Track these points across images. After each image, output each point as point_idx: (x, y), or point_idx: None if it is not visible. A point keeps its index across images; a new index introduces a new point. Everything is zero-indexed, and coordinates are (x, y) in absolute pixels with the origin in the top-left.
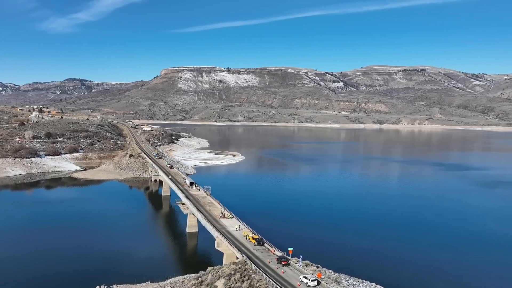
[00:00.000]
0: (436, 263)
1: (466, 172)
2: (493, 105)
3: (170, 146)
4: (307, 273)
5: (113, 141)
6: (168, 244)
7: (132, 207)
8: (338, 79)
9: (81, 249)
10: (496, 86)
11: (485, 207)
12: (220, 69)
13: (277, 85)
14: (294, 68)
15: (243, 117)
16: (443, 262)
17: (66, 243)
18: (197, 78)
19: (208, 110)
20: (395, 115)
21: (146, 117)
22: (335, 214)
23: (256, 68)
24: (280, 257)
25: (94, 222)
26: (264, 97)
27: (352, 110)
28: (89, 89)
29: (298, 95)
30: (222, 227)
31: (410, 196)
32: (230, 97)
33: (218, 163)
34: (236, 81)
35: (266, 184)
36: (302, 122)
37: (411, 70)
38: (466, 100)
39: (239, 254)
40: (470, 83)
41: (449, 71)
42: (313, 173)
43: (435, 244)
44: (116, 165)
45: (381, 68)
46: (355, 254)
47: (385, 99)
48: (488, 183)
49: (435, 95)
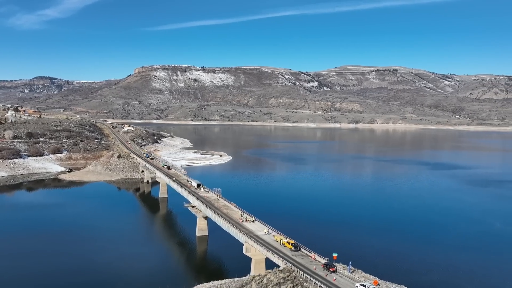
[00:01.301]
0: (466, 266)
1: (454, 171)
2: (463, 105)
3: (155, 146)
4: (361, 280)
5: (97, 141)
6: (177, 249)
7: (129, 210)
8: (313, 78)
9: (84, 258)
10: (465, 87)
11: (487, 207)
12: (195, 68)
13: (252, 84)
14: (269, 68)
15: (220, 116)
16: (476, 265)
17: (66, 251)
18: (171, 77)
19: (184, 109)
20: (369, 115)
21: (120, 116)
22: (352, 214)
23: (231, 67)
24: (327, 264)
25: (93, 227)
26: (240, 96)
27: (328, 109)
28: (59, 87)
29: (274, 95)
30: (249, 231)
31: (409, 196)
32: (206, 96)
33: (207, 163)
34: (212, 80)
35: (264, 184)
36: (278, 122)
37: (384, 70)
38: (437, 100)
39: (280, 260)
40: (441, 83)
41: (420, 71)
42: (308, 173)
43: (457, 245)
44: (104, 166)
45: (355, 68)
46: (387, 257)
47: (360, 99)
48: (479, 182)
49: (407, 95)
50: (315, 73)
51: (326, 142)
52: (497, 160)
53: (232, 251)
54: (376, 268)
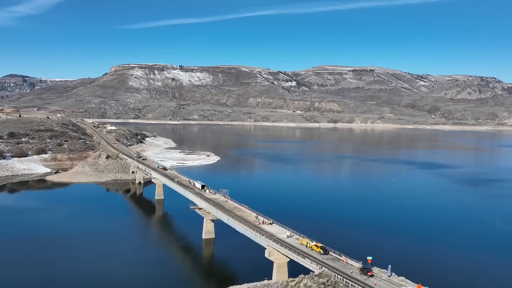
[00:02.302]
0: (488, 267)
1: (441, 171)
2: (439, 105)
3: (140, 146)
4: (402, 284)
5: (81, 141)
6: (184, 253)
7: (125, 213)
8: (291, 78)
9: (85, 265)
10: (440, 87)
11: (485, 206)
12: (172, 66)
13: (231, 83)
14: (247, 67)
15: (199, 116)
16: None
17: (66, 257)
18: (149, 76)
19: (162, 109)
20: (348, 114)
21: (97, 116)
22: (361, 214)
23: (209, 66)
24: (364, 268)
25: (90, 232)
26: (219, 96)
27: (307, 109)
28: (31, 86)
29: (252, 94)
30: (270, 234)
31: (407, 196)
32: (184, 96)
33: (196, 163)
34: (190, 79)
35: (262, 185)
36: (258, 121)
37: (361, 70)
38: (413, 100)
39: (313, 264)
40: (416, 83)
41: (396, 71)
42: (301, 173)
43: (470, 245)
44: (93, 167)
45: (332, 68)
46: (411, 259)
47: (338, 99)
48: (469, 181)
49: (384, 94)
50: (293, 72)
51: (309, 141)
52: (478, 159)
53: (242, 254)
54: (405, 270)
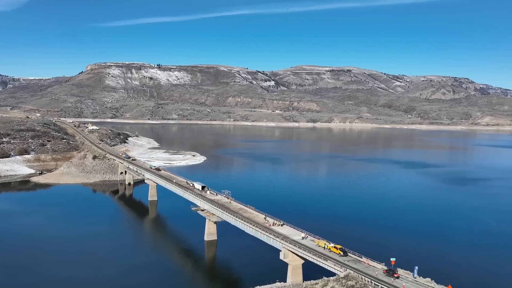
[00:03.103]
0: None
1: (426, 170)
2: (415, 105)
3: (124, 146)
4: (430, 285)
5: (65, 141)
6: (187, 256)
7: (118, 215)
8: (270, 78)
9: (85, 270)
10: (415, 87)
11: (478, 205)
12: (150, 65)
13: (209, 83)
14: (226, 66)
15: (178, 115)
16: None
17: (65, 262)
18: (126, 75)
19: (140, 108)
20: (327, 114)
21: (73, 115)
22: (362, 212)
23: (187, 66)
24: (390, 270)
25: (84, 235)
26: (197, 95)
27: (286, 108)
28: (3, 84)
29: (231, 94)
30: (285, 236)
31: (400, 195)
32: (162, 95)
33: (183, 163)
34: (168, 78)
35: (257, 185)
36: (237, 121)
37: (338, 70)
38: (390, 100)
39: (337, 267)
40: (392, 83)
41: (373, 72)
42: (290, 173)
43: (479, 245)
44: (79, 168)
45: (310, 68)
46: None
47: (316, 98)
48: (455, 180)
49: (361, 94)
50: (272, 72)
51: (292, 141)
52: (459, 158)
53: (246, 255)
54: (427, 271)
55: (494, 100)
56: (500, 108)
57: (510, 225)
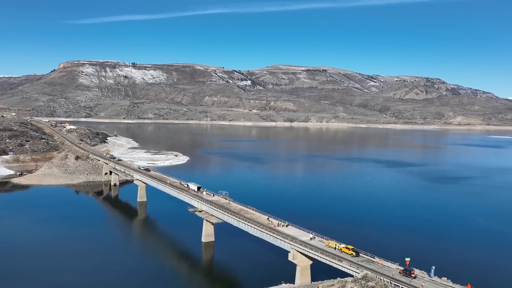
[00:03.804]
0: None
1: (408, 169)
2: (389, 105)
3: (104, 146)
4: (449, 285)
5: (44, 141)
6: (183, 257)
7: (107, 217)
8: (246, 77)
9: (81, 274)
10: (389, 87)
11: (466, 203)
12: (125, 64)
13: (185, 82)
14: (202, 65)
15: (154, 114)
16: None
17: (61, 267)
18: (100, 73)
19: (115, 107)
20: (303, 114)
21: (46, 114)
22: (359, 211)
23: (163, 64)
24: (407, 270)
25: (75, 238)
26: (173, 94)
27: (262, 108)
28: None
29: (208, 93)
30: (292, 237)
31: (389, 194)
32: (137, 94)
33: (167, 163)
34: (143, 77)
35: (249, 185)
36: (215, 120)
37: (314, 70)
38: (365, 99)
39: (353, 267)
40: (367, 83)
41: (348, 72)
42: (275, 172)
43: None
44: (61, 169)
45: (286, 68)
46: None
47: (293, 98)
48: (438, 179)
49: (337, 94)
50: (248, 71)
51: (271, 140)
52: (437, 157)
53: (245, 257)
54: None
55: (465, 100)
56: (471, 108)
57: (501, 223)
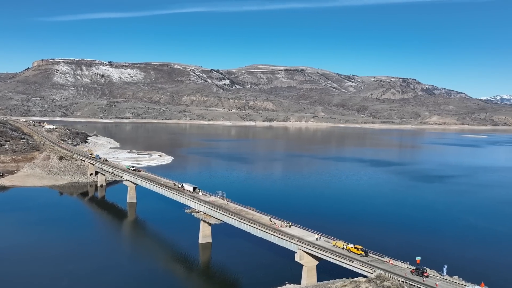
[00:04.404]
0: None
1: (392, 168)
2: (367, 104)
3: (86, 145)
4: (464, 284)
5: (24, 141)
6: (181, 259)
7: (98, 219)
8: (225, 76)
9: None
10: (366, 87)
11: (454, 202)
12: (101, 62)
13: (163, 81)
14: (180, 64)
15: (132, 114)
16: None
17: (57, 271)
18: (76, 72)
19: (92, 106)
20: (283, 113)
21: (20, 113)
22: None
23: (140, 63)
24: (419, 269)
25: (71, 240)
26: (151, 93)
27: (242, 107)
28: None
29: (186, 92)
30: (299, 238)
31: (378, 193)
32: (114, 93)
33: (151, 163)
34: (120, 76)
35: (239, 185)
36: (194, 120)
37: (292, 70)
38: (343, 99)
39: (366, 267)
40: (344, 83)
41: (326, 71)
42: (261, 172)
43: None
44: (45, 169)
45: (265, 67)
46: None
47: (272, 97)
48: (423, 178)
49: (316, 94)
50: (227, 71)
51: (252, 140)
52: (418, 156)
53: (244, 257)
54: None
55: (440, 100)
56: (446, 108)
57: (491, 221)
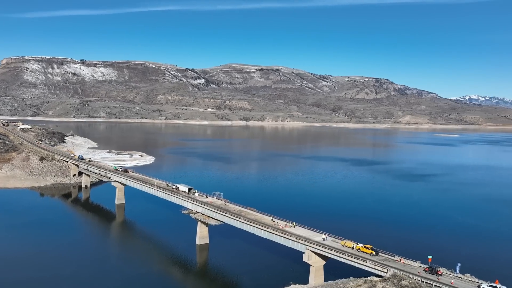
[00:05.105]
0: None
1: (374, 167)
2: (341, 104)
3: (64, 146)
4: (477, 281)
5: (1, 142)
6: (178, 261)
7: (86, 221)
8: (200, 75)
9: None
10: (340, 87)
11: (440, 199)
12: (73, 60)
13: (137, 80)
14: (154, 63)
15: (106, 113)
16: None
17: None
18: (46, 70)
19: (65, 105)
20: (259, 113)
21: None
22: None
23: (114, 61)
24: (432, 267)
25: (61, 244)
26: (125, 92)
27: (217, 107)
28: None
29: (161, 91)
30: (306, 238)
31: (368, 192)
32: (87, 92)
33: (134, 164)
34: (93, 75)
35: (230, 185)
36: (169, 119)
37: (268, 69)
38: (318, 99)
39: (379, 267)
40: (319, 83)
41: (301, 71)
42: (247, 171)
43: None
44: (26, 170)
45: (240, 67)
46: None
47: (248, 97)
48: (405, 176)
49: (291, 93)
50: (202, 70)
51: (230, 139)
52: (396, 155)
53: (243, 258)
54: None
55: (412, 100)
56: (418, 107)
57: (480, 219)
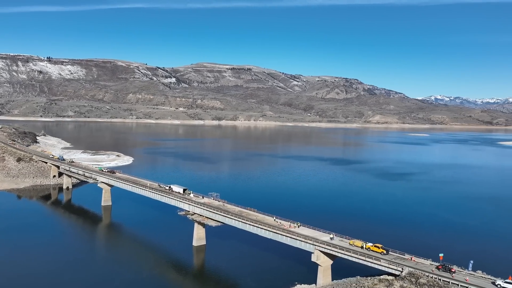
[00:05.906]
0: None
1: (353, 166)
2: (313, 104)
3: (37, 146)
4: (491, 278)
5: None
6: (176, 263)
7: (71, 224)
8: (171, 74)
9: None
10: (311, 87)
11: (422, 197)
12: (39, 58)
13: (107, 78)
14: (124, 62)
15: (74, 112)
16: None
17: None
18: (11, 67)
19: (31, 104)
20: (231, 112)
21: None
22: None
23: (82, 59)
24: (445, 265)
25: (51, 249)
26: (94, 91)
27: (189, 106)
28: None
29: (132, 90)
30: (314, 238)
31: (354, 191)
32: (54, 90)
33: (112, 164)
34: (60, 73)
35: (223, 185)
36: (140, 118)
37: (239, 68)
38: (289, 98)
39: (393, 266)
40: (290, 83)
41: (272, 71)
42: (233, 171)
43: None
44: (2, 172)
45: (211, 66)
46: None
47: (219, 96)
48: (384, 175)
49: (263, 93)
50: (172, 69)
51: (203, 139)
52: (372, 154)
53: (244, 258)
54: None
55: (381, 100)
56: (387, 107)
57: (463, 215)
